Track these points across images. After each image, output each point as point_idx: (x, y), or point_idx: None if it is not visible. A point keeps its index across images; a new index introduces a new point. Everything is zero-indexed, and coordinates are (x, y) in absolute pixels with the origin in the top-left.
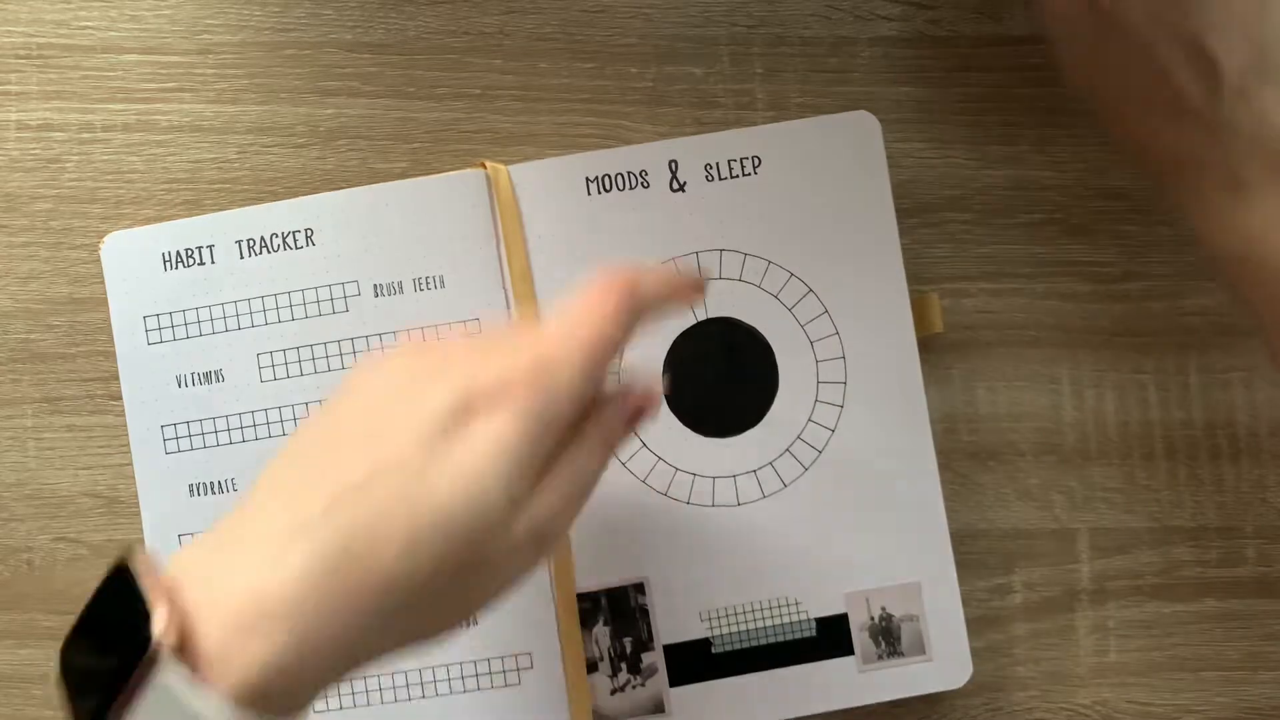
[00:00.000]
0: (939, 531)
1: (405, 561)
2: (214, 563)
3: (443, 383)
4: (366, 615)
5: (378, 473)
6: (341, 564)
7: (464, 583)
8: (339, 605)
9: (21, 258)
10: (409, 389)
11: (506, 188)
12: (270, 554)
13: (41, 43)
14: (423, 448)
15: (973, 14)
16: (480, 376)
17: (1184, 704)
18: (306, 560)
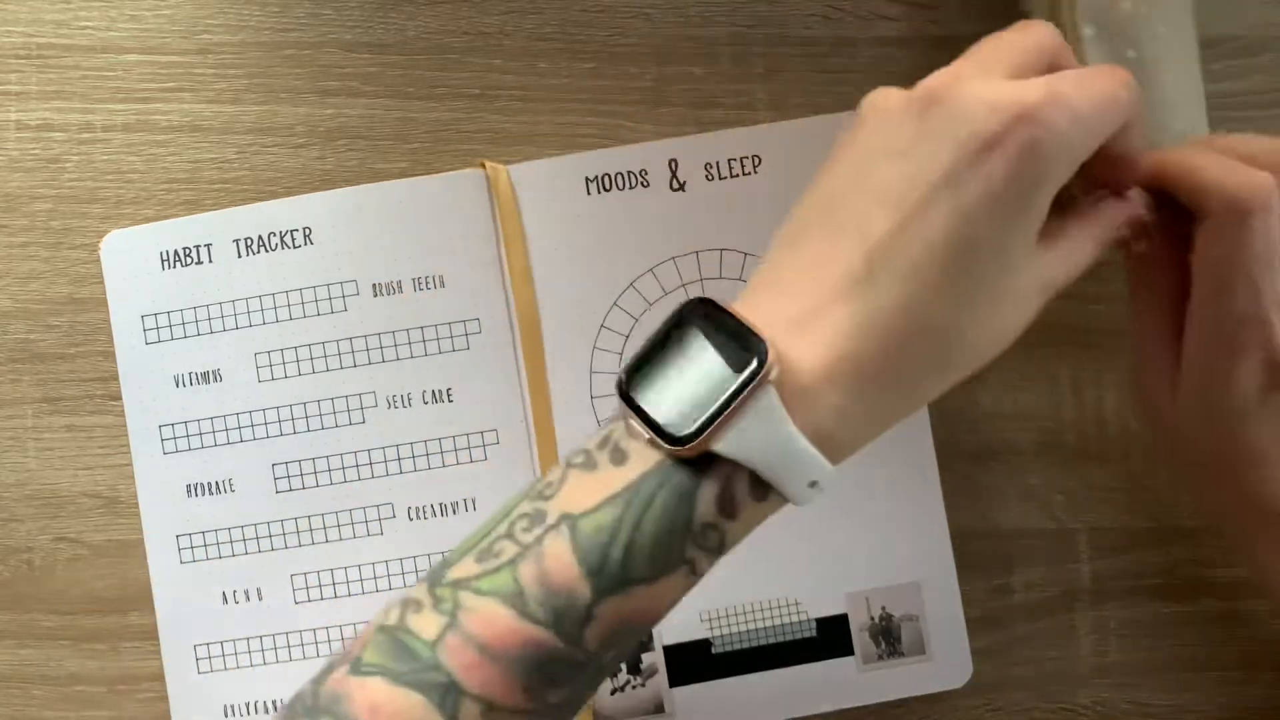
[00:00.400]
0: (939, 531)
1: (949, 310)
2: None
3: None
4: (919, 364)
5: (905, 224)
6: (894, 324)
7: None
8: (894, 358)
9: (21, 258)
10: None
11: (506, 188)
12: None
13: (41, 43)
14: (943, 194)
15: (973, 14)
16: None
17: (1184, 704)
18: (856, 324)
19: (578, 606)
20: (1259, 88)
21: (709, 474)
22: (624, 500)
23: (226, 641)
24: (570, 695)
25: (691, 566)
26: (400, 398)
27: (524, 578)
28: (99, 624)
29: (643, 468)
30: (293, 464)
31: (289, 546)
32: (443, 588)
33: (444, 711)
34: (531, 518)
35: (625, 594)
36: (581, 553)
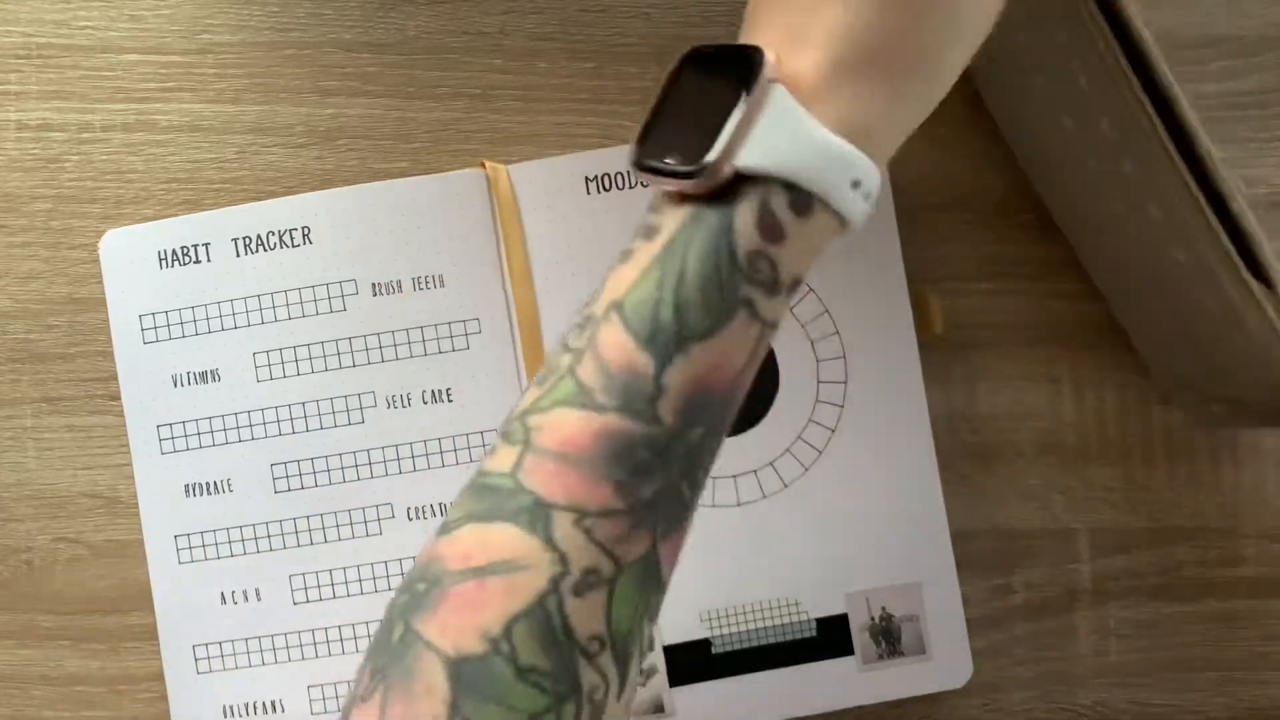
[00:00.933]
0: (939, 531)
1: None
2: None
3: None
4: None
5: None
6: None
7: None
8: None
9: (21, 258)
10: None
11: (506, 187)
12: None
13: (41, 42)
14: None
15: None
16: None
17: (1184, 704)
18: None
19: (644, 381)
20: (1259, 88)
21: (741, 196)
22: (662, 260)
23: (225, 642)
24: (663, 487)
25: (751, 308)
26: (400, 398)
27: (584, 375)
28: (99, 624)
29: (676, 223)
30: (291, 464)
31: (288, 547)
32: (512, 423)
33: (537, 532)
34: (579, 326)
35: (687, 355)
36: (633, 327)
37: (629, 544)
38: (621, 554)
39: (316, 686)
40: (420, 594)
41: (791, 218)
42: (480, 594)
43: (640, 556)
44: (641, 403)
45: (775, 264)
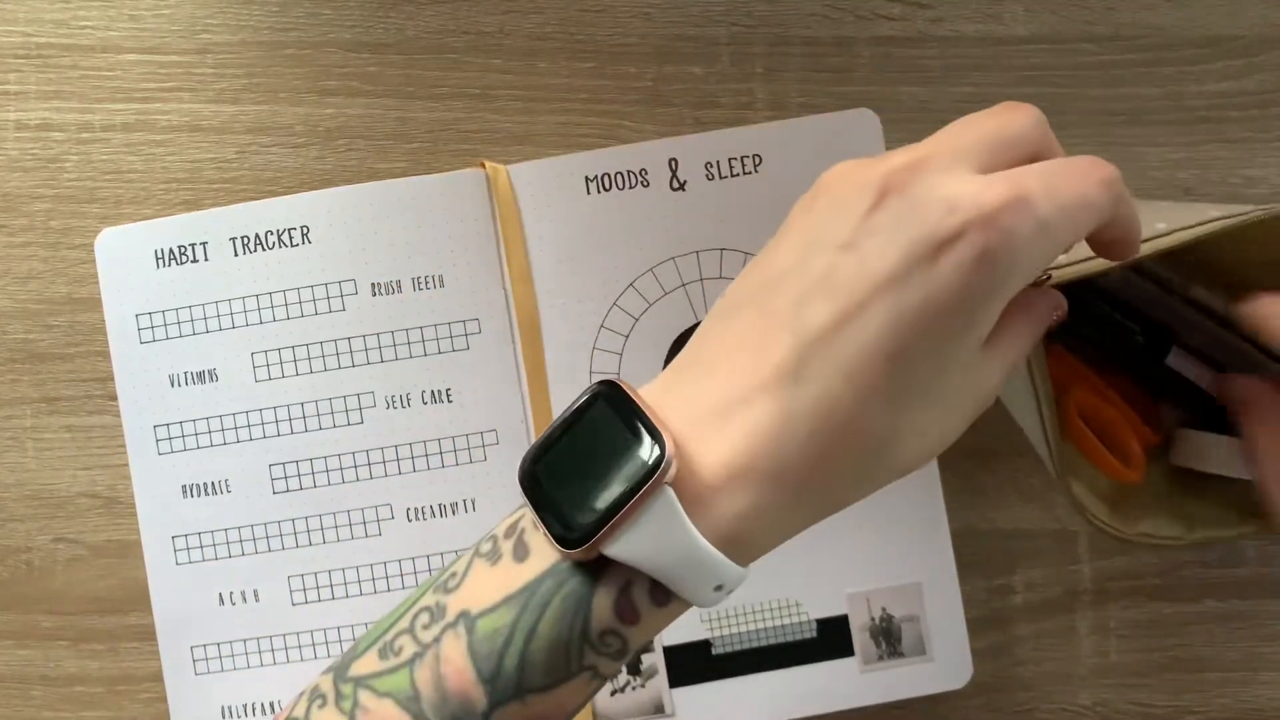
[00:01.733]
0: (940, 532)
1: (880, 417)
2: (691, 401)
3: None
4: (844, 469)
5: (841, 321)
6: (821, 426)
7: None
8: (817, 461)
9: (20, 258)
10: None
11: (506, 187)
12: (752, 406)
13: (40, 42)
14: (885, 294)
15: (973, 14)
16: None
17: (1184, 704)
18: (785, 417)
19: (473, 714)
20: (1259, 88)
21: (605, 578)
22: (520, 603)
23: (224, 643)
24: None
25: (594, 671)
26: (399, 398)
27: (420, 681)
28: (98, 624)
29: (541, 567)
30: (290, 464)
31: (286, 548)
32: (346, 683)
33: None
34: (432, 612)
35: (522, 702)
36: (477, 659)
37: None
38: None
39: None
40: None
41: (649, 606)
42: None
43: None
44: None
45: (625, 640)
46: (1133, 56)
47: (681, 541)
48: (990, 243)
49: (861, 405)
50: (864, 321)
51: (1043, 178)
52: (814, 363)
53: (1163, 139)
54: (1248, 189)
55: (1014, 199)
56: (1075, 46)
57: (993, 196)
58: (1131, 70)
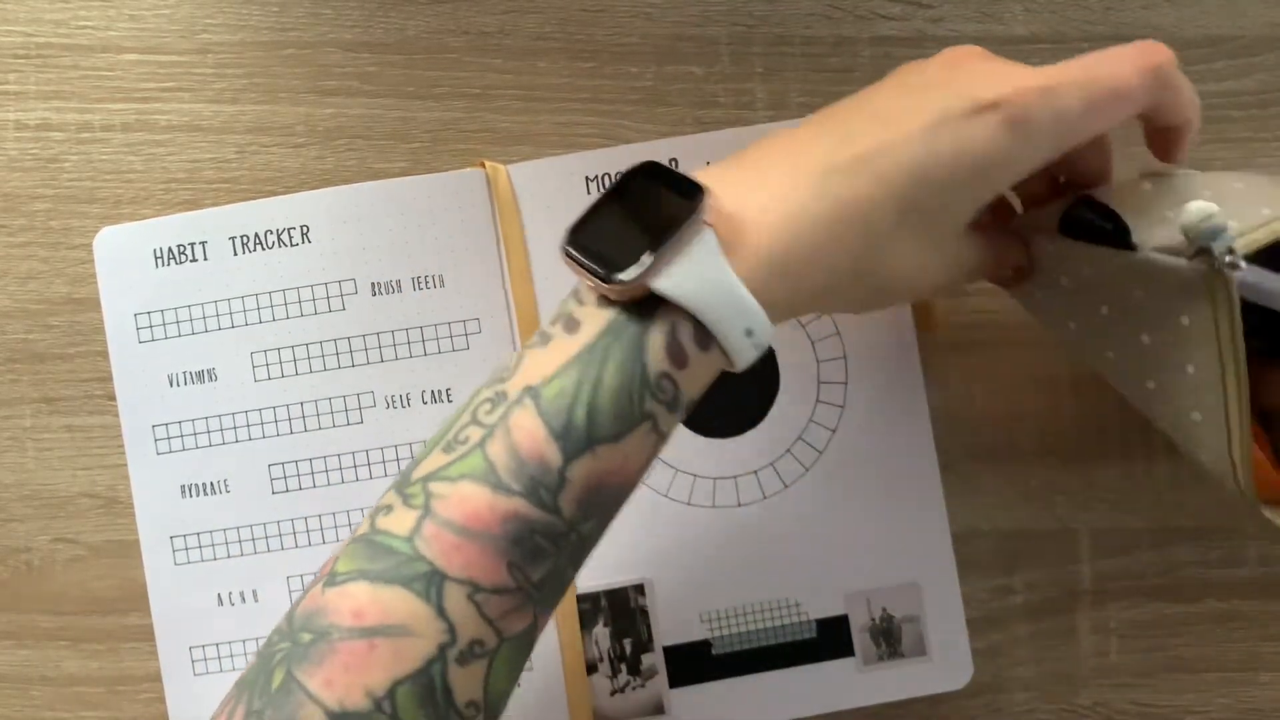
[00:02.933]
0: (940, 532)
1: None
2: (734, 178)
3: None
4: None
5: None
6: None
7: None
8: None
9: (20, 257)
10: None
11: (506, 187)
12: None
13: (40, 42)
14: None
15: (973, 14)
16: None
17: (1185, 705)
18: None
19: (550, 472)
20: (1259, 88)
21: (655, 320)
22: (582, 361)
23: (223, 644)
24: (552, 570)
25: (653, 422)
26: (399, 398)
27: (494, 454)
28: (98, 624)
29: (596, 328)
30: (290, 465)
31: (285, 548)
32: (412, 486)
33: (429, 600)
34: (493, 400)
35: (593, 454)
36: (547, 418)
37: (514, 620)
38: (505, 628)
39: None
40: (305, 645)
41: (695, 349)
42: (369, 654)
43: (522, 631)
44: (546, 493)
45: (677, 386)
46: None
47: (719, 279)
48: (1012, 117)
49: (877, 207)
50: (902, 147)
51: (1083, 69)
52: (849, 163)
53: None
54: None
55: (1041, 87)
56: (1075, 46)
57: (1030, 79)
58: None
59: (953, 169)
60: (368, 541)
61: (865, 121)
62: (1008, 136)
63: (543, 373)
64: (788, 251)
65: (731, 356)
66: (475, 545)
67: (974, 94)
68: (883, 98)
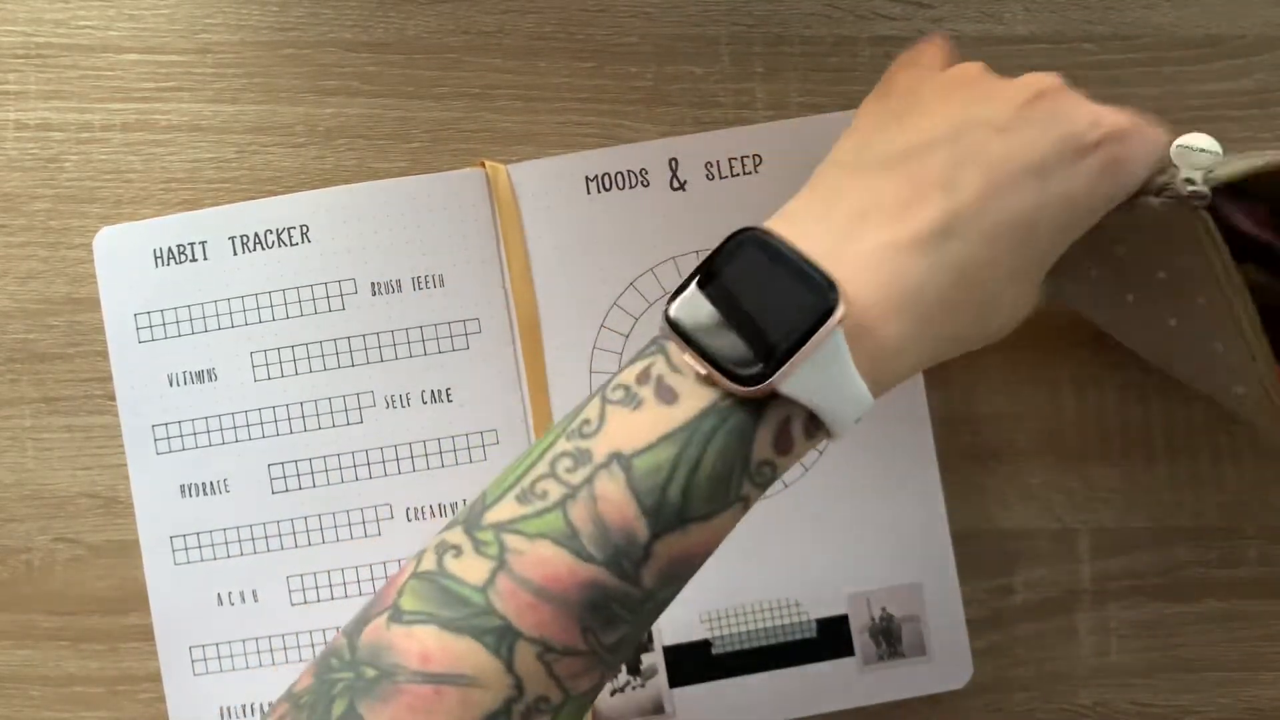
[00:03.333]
0: (940, 532)
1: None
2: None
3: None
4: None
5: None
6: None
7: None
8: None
9: (20, 257)
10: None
11: (506, 187)
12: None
13: (40, 42)
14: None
15: (973, 13)
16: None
17: (1185, 705)
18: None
19: (636, 545)
20: (1259, 88)
21: (768, 413)
22: (681, 439)
23: (222, 644)
24: (626, 635)
25: (745, 502)
26: (399, 398)
27: (577, 519)
28: (98, 624)
29: (699, 406)
30: (289, 464)
31: (285, 548)
32: (483, 530)
33: (500, 656)
34: (575, 457)
35: (683, 531)
36: (638, 494)
37: (583, 679)
38: (573, 687)
39: None
40: (370, 680)
41: (802, 438)
42: (435, 700)
43: (588, 689)
44: (629, 564)
45: (776, 470)
46: (1133, 56)
47: (845, 379)
48: (1120, 155)
49: (993, 268)
50: (1011, 197)
51: (1139, 115)
52: (962, 224)
53: None
54: None
55: (1137, 124)
56: (1075, 46)
57: (1125, 120)
58: (1131, 70)
59: (1061, 214)
60: (435, 584)
61: (964, 166)
62: (1109, 178)
63: (634, 442)
64: (905, 335)
65: (835, 435)
66: (551, 607)
67: (1077, 135)
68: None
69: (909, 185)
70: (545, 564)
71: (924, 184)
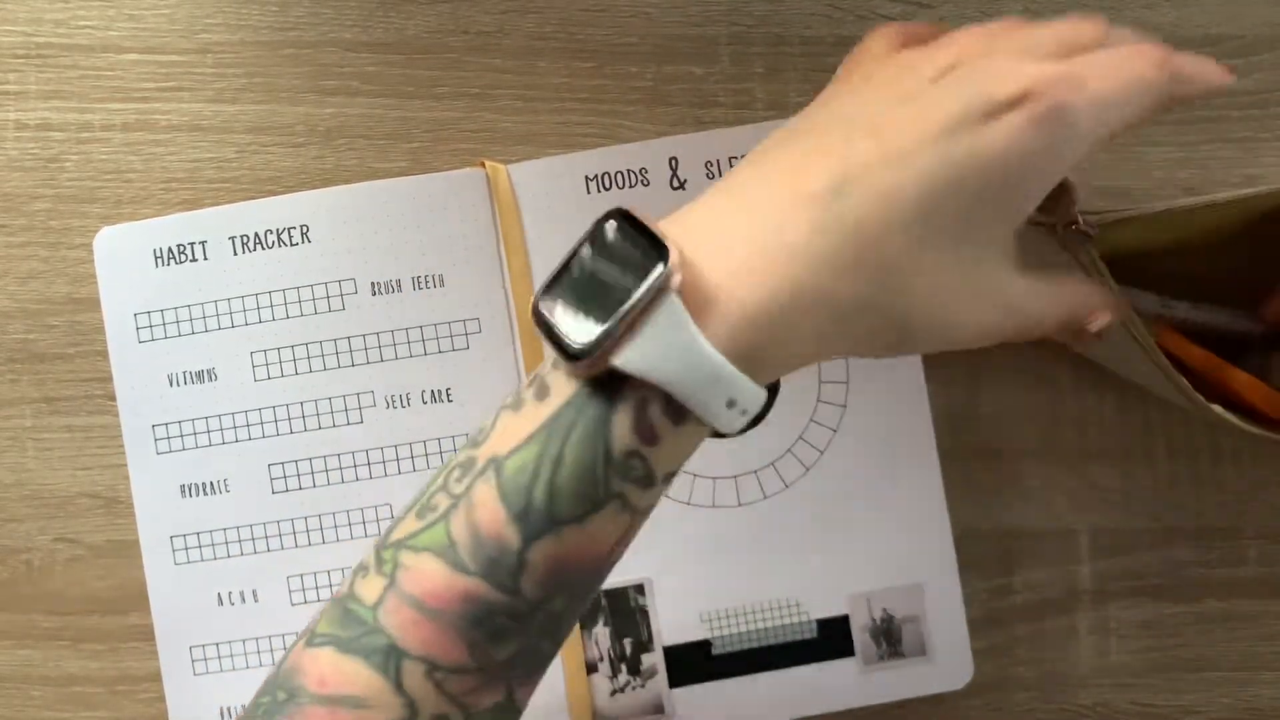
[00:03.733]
0: (941, 532)
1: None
2: (713, 220)
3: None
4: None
5: (889, 157)
6: (847, 241)
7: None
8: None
9: (20, 257)
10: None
11: (506, 187)
12: (776, 218)
13: (40, 42)
14: (934, 141)
15: (973, 13)
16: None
17: (1185, 704)
18: (813, 229)
19: (509, 553)
20: (1259, 87)
21: (622, 397)
22: (543, 435)
23: (222, 643)
24: (520, 649)
25: (623, 500)
26: (399, 397)
27: (455, 529)
28: (98, 624)
29: (561, 399)
30: (289, 464)
31: (285, 548)
32: (387, 549)
33: (387, 675)
34: (464, 466)
35: (556, 536)
36: (506, 496)
37: (481, 695)
38: (473, 703)
39: None
40: (280, 703)
41: (667, 424)
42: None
43: (494, 705)
44: (504, 575)
45: (649, 463)
46: None
47: (688, 349)
48: (1042, 112)
49: (889, 228)
50: (908, 160)
51: (1099, 59)
52: (854, 182)
53: (1163, 139)
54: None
55: (1069, 74)
56: None
57: (1051, 71)
58: None
59: (973, 179)
60: (343, 605)
61: (859, 135)
62: (1036, 136)
63: (509, 443)
64: (781, 301)
65: (716, 428)
66: (433, 624)
67: (986, 94)
68: (875, 109)
69: (803, 155)
70: (426, 578)
71: (817, 151)
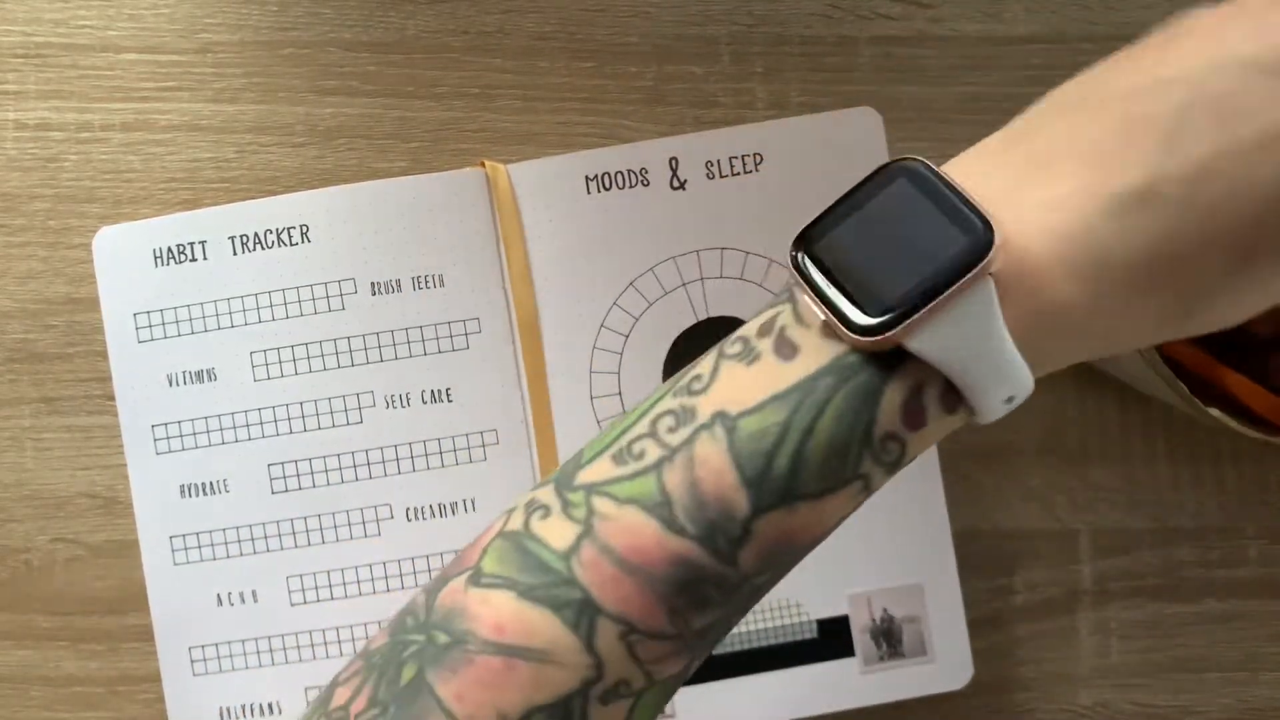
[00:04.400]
0: (941, 532)
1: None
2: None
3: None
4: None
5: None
6: (1149, 261)
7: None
8: (1131, 298)
9: (19, 257)
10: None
11: (506, 187)
12: (1084, 211)
13: (39, 41)
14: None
15: (973, 13)
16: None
17: (1186, 705)
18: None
19: (734, 521)
20: None
21: (897, 375)
22: (794, 400)
23: (222, 644)
24: (716, 621)
25: (865, 482)
26: (399, 397)
27: (671, 484)
28: (97, 624)
29: (818, 363)
30: (289, 464)
31: (285, 548)
32: (574, 491)
33: (578, 632)
34: (678, 415)
35: (789, 509)
36: (740, 459)
37: (667, 664)
38: (657, 671)
39: (314, 688)
40: (441, 647)
41: (938, 411)
42: (507, 674)
43: (673, 675)
44: (725, 542)
45: (905, 447)
46: None
47: (987, 339)
48: None
49: (1203, 254)
50: (1253, 164)
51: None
52: (1173, 190)
53: None
54: None
55: None
56: (1075, 46)
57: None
58: None
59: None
60: (519, 545)
61: (1200, 112)
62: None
63: (742, 400)
64: (1081, 305)
65: (981, 421)
66: (635, 582)
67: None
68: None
69: (1119, 127)
70: (631, 533)
71: (1138, 128)
